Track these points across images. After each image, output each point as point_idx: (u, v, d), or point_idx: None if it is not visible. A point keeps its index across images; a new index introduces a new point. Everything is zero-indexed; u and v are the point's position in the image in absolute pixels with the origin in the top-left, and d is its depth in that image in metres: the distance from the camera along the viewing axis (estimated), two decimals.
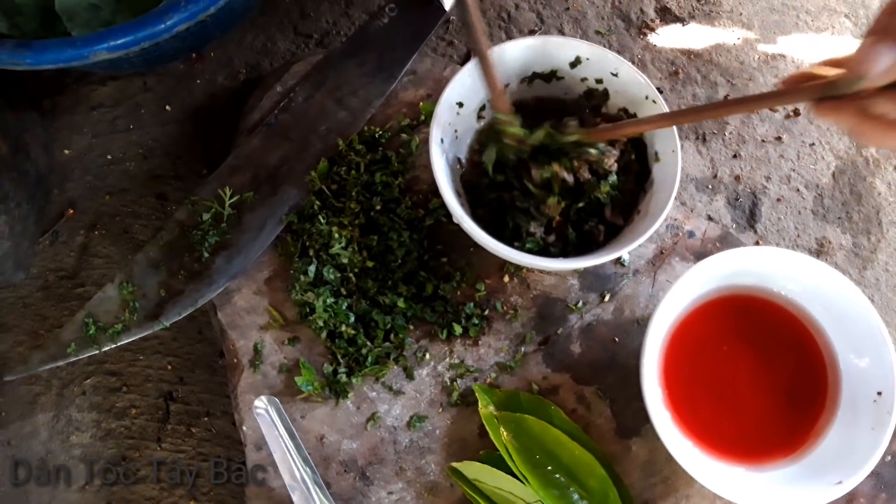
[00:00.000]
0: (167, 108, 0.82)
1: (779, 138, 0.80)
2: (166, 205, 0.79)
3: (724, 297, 0.62)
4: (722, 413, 0.60)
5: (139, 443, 0.73)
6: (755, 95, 0.53)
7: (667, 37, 0.83)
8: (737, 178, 0.78)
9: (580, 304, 0.66)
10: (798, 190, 0.78)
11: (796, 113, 0.81)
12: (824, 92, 0.44)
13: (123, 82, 0.83)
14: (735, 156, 0.79)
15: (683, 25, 0.84)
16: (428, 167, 0.68)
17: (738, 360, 0.61)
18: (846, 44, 0.84)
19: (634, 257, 0.67)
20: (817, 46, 0.84)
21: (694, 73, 0.82)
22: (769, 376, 0.60)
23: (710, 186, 0.78)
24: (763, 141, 0.80)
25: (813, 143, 0.80)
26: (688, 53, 0.83)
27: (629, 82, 0.61)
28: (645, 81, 0.60)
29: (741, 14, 0.85)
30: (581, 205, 0.60)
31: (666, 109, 0.60)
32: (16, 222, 0.73)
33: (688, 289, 0.59)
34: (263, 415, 0.60)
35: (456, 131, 0.63)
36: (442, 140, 0.60)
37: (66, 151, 0.81)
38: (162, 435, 0.74)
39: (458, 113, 0.62)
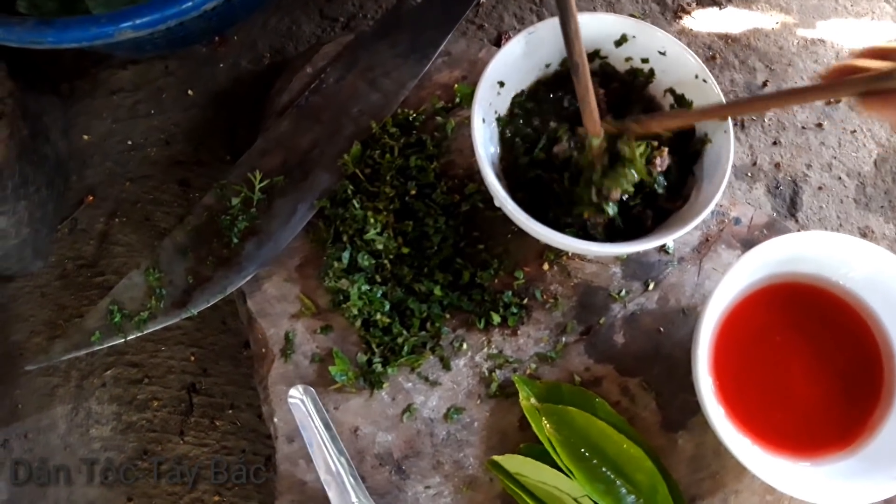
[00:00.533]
0: (189, 92, 0.80)
1: (819, 125, 0.78)
2: (189, 191, 0.77)
3: (776, 285, 0.59)
4: (775, 405, 0.57)
5: (161, 436, 0.71)
6: (800, 88, 0.50)
7: (703, 21, 0.81)
8: (777, 165, 0.76)
9: (623, 292, 0.64)
10: (840, 178, 0.76)
11: (837, 100, 0.79)
12: (871, 85, 0.42)
13: (144, 66, 0.81)
14: (775, 143, 0.77)
15: (720, 9, 0.82)
16: (464, 151, 0.67)
17: (791, 350, 0.58)
18: (886, 29, 0.82)
19: (679, 244, 0.65)
20: (857, 31, 0.81)
21: (731, 58, 0.80)
22: (823, 367, 0.58)
23: (749, 174, 0.76)
24: (803, 128, 0.78)
25: (854, 131, 0.78)
26: (725, 38, 0.81)
27: (678, 61, 0.59)
28: (695, 60, 0.58)
29: None
30: (636, 199, 0.58)
31: (718, 89, 0.57)
32: (35, 208, 0.70)
33: (740, 276, 0.56)
34: (298, 405, 0.57)
35: (496, 112, 0.60)
36: (483, 120, 0.58)
37: (86, 137, 0.79)
38: (185, 428, 0.71)
39: (498, 93, 0.60)
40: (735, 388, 0.57)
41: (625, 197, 0.57)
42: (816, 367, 0.58)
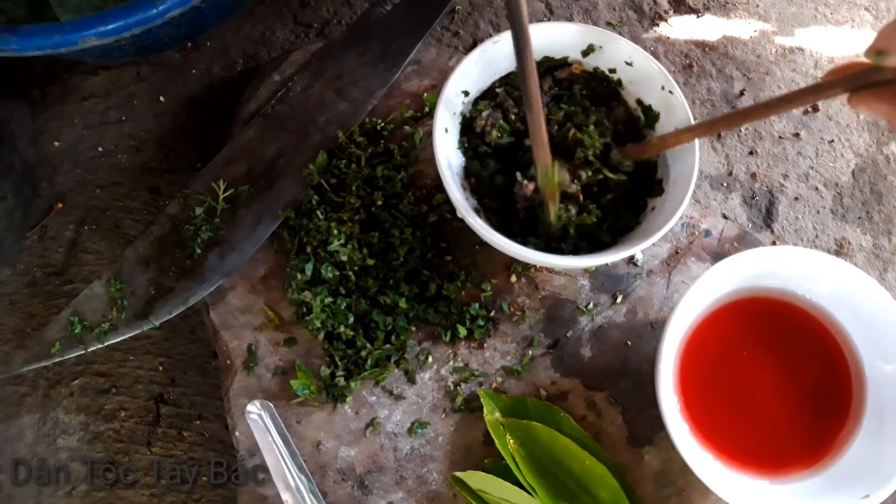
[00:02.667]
0: (161, 99, 0.79)
1: (797, 135, 0.77)
2: (159, 199, 0.76)
3: (743, 300, 0.59)
4: (741, 422, 0.57)
5: (128, 446, 0.70)
6: (793, 93, 0.46)
7: (680, 29, 0.80)
8: (753, 175, 0.75)
9: (591, 305, 0.63)
10: (816, 188, 0.75)
11: (815, 109, 0.78)
12: (861, 80, 0.41)
13: (116, 72, 0.80)
14: (751, 152, 0.76)
15: (698, 17, 0.81)
16: (432, 161, 0.65)
17: (758, 366, 0.57)
18: (866, 38, 0.81)
19: (648, 257, 0.64)
20: (836, 40, 0.80)
21: (709, 66, 0.79)
22: (791, 383, 0.57)
23: (724, 184, 0.75)
24: (780, 137, 0.77)
25: (832, 140, 0.77)
26: (702, 46, 0.80)
27: (645, 72, 0.58)
28: (661, 70, 0.57)
29: (758, 6, 0.81)
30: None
31: (683, 99, 0.56)
32: (1, 216, 0.70)
33: (706, 291, 0.55)
34: (257, 420, 0.56)
35: (461, 120, 0.60)
36: (446, 130, 0.57)
37: (56, 143, 0.78)
38: (152, 438, 0.71)
39: (463, 102, 0.59)
40: (701, 404, 0.57)
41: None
42: (784, 383, 0.57)
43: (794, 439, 0.56)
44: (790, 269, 0.57)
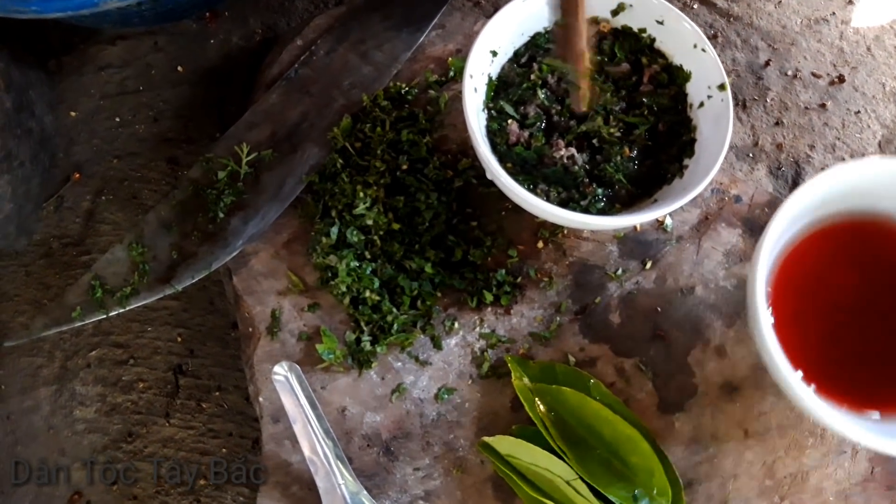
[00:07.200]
0: (179, 68, 0.78)
1: (823, 105, 0.76)
2: (177, 169, 0.75)
3: (838, 224, 0.53)
4: (839, 354, 0.52)
5: (146, 418, 0.69)
6: None
7: None
8: (779, 146, 0.74)
9: (620, 271, 0.62)
10: (843, 159, 0.74)
11: (841, 80, 0.77)
12: None
13: (133, 42, 0.79)
14: (777, 123, 0.75)
15: None
16: (457, 126, 0.65)
17: (855, 294, 0.53)
18: (893, 8, 0.80)
19: (678, 223, 0.63)
20: (862, 11, 0.79)
21: (734, 36, 0.78)
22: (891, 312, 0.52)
23: (751, 155, 0.74)
24: (806, 108, 0.75)
25: (858, 111, 0.76)
26: (727, 16, 0.79)
27: (675, 31, 0.57)
28: (693, 28, 0.56)
29: None
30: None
31: (715, 56, 0.55)
32: (19, 183, 0.69)
33: (795, 214, 0.50)
34: (283, 382, 0.55)
35: (489, 81, 0.59)
36: (475, 90, 0.56)
37: (73, 114, 0.77)
38: (170, 410, 0.70)
39: (491, 62, 0.58)
40: (796, 337, 0.51)
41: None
42: (885, 311, 0.52)
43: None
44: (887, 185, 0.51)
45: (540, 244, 0.63)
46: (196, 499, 0.68)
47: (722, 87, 0.56)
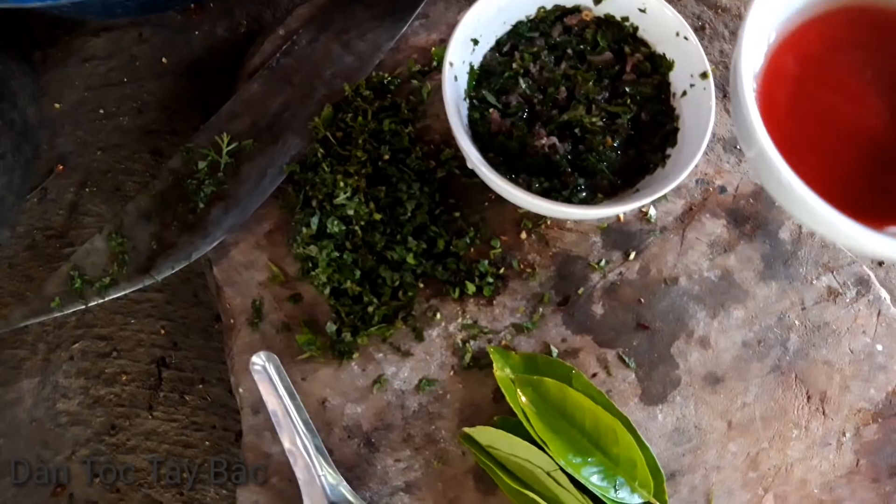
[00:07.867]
0: (163, 60, 0.78)
1: None
2: (161, 161, 0.75)
3: (844, 8, 0.45)
4: (839, 153, 0.45)
5: (129, 411, 0.69)
6: None
7: None
8: None
9: (603, 262, 0.61)
10: None
11: None
12: None
13: (118, 34, 0.79)
14: None
15: None
16: (440, 116, 0.64)
17: (858, 90, 0.44)
18: None
19: (662, 213, 0.63)
20: None
21: (721, 28, 0.77)
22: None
23: (738, 147, 0.73)
24: None
25: None
26: (715, 7, 0.78)
27: (658, 19, 0.57)
28: (675, 16, 0.56)
29: None
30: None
31: (698, 45, 0.55)
32: (0, 175, 0.68)
33: None
34: (261, 372, 0.55)
35: (469, 70, 0.58)
36: (455, 78, 0.56)
37: (57, 105, 0.77)
38: (153, 403, 0.69)
39: (472, 51, 0.58)
40: (792, 140, 0.43)
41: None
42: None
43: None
44: None
45: (523, 235, 0.62)
46: (179, 491, 0.67)
47: (704, 75, 0.56)
